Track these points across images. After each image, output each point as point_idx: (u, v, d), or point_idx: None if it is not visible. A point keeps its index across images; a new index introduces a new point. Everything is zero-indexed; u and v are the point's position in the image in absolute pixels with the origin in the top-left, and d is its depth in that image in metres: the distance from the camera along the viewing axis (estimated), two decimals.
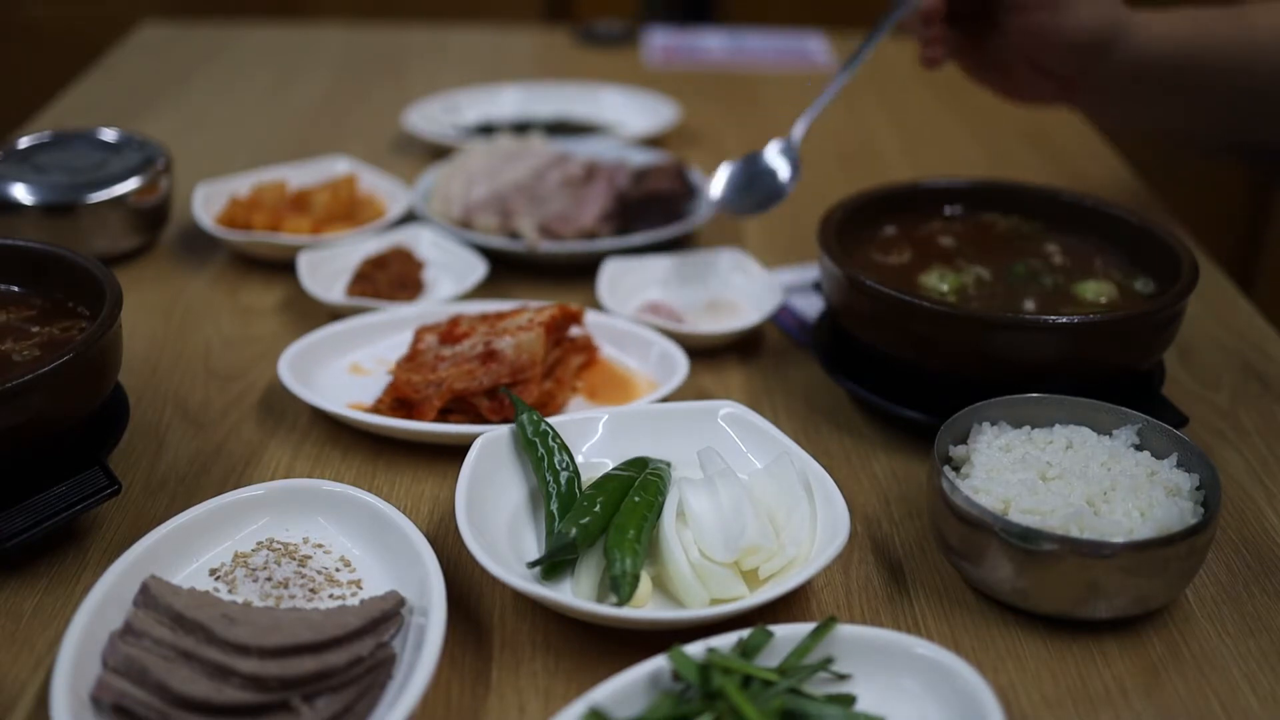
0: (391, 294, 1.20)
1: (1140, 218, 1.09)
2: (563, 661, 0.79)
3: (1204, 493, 0.83)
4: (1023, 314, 0.99)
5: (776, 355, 1.15)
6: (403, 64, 2.02)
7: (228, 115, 1.78)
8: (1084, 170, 1.62)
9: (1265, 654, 0.80)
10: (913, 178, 1.21)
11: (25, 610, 0.82)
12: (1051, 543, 0.77)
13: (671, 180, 1.37)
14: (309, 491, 0.87)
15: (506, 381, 0.99)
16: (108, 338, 0.86)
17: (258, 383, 1.10)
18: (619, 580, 0.78)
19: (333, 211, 1.33)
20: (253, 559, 0.83)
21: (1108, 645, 0.80)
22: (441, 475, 0.97)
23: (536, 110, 1.78)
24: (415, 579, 0.79)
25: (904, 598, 0.85)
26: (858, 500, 0.95)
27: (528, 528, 0.88)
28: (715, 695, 0.69)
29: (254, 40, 2.13)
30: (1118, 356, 0.96)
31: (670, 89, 1.87)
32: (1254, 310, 1.25)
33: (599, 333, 1.12)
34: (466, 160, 1.41)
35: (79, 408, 0.86)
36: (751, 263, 1.25)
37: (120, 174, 1.29)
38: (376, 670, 0.73)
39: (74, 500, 0.84)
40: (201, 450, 1.00)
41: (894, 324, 0.98)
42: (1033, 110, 1.86)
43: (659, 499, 0.85)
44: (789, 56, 2.10)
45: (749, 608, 0.77)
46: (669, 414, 0.95)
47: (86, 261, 0.93)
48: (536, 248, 1.26)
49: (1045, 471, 0.84)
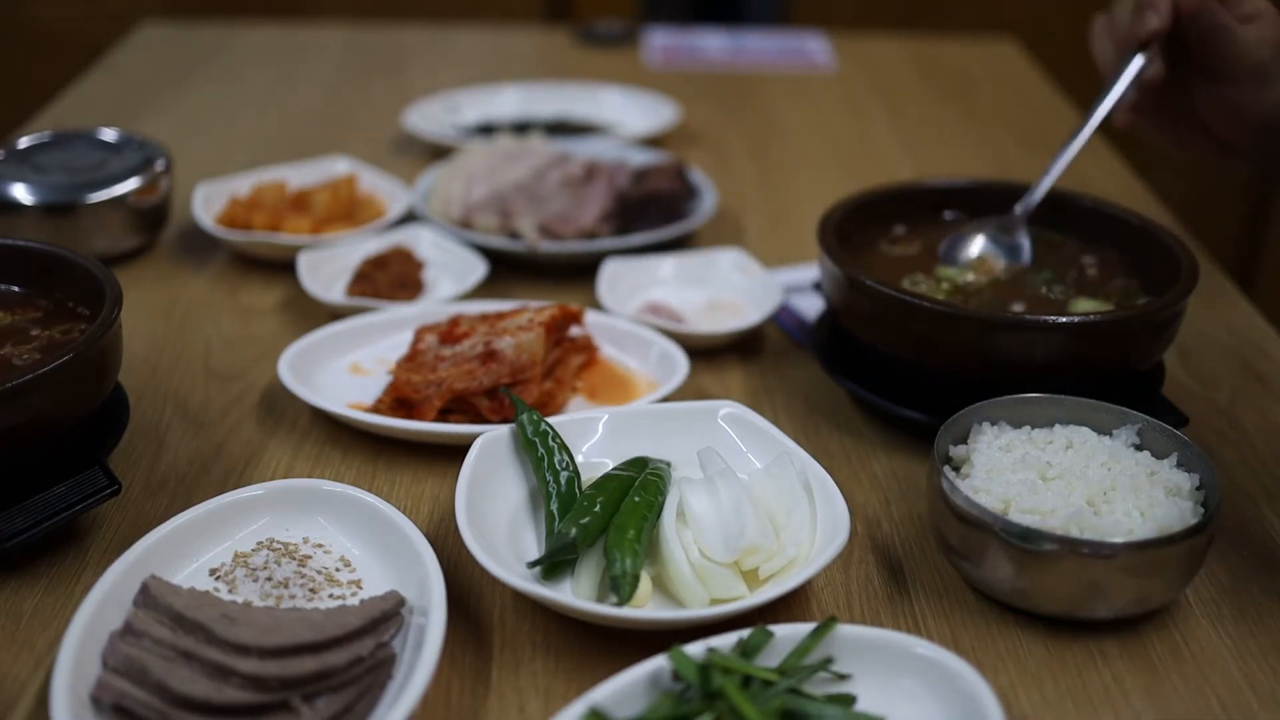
0: (391, 294, 1.20)
1: (1140, 218, 1.09)
2: (563, 661, 0.79)
3: (1204, 493, 0.83)
4: (1023, 314, 0.99)
5: (776, 355, 1.15)
6: (403, 64, 2.02)
7: (228, 115, 1.78)
8: (1084, 170, 1.62)
9: (1265, 654, 0.80)
10: (913, 178, 1.20)
11: (25, 610, 0.82)
12: (1051, 543, 0.77)
13: (671, 180, 1.37)
14: (309, 491, 0.87)
15: (506, 381, 0.99)
16: (108, 338, 0.86)
17: (258, 383, 1.10)
18: (619, 580, 0.78)
19: (333, 211, 1.33)
20: (253, 559, 0.83)
21: (1108, 645, 0.80)
22: (441, 475, 0.97)
23: (536, 110, 1.78)
24: (415, 579, 0.79)
25: (904, 598, 0.85)
26: (858, 500, 0.95)
27: (528, 528, 0.88)
28: (715, 695, 0.69)
29: (254, 40, 2.13)
30: (1118, 356, 0.96)
31: (670, 89, 1.87)
32: (1254, 310, 1.25)
33: (599, 333, 1.12)
34: (466, 160, 1.41)
35: (79, 408, 0.86)
36: (751, 263, 1.25)
37: (120, 174, 1.29)
38: (376, 670, 0.73)
39: (74, 500, 0.84)
40: (201, 450, 1.00)
41: (894, 324, 0.98)
42: (1033, 109, 1.87)
43: (659, 499, 0.85)
44: (789, 56, 2.10)
45: (749, 608, 0.77)
46: (669, 414, 0.95)
47: (86, 261, 0.93)
48: (536, 248, 1.26)
49: (1045, 471, 0.84)
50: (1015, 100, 1.91)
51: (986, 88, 1.97)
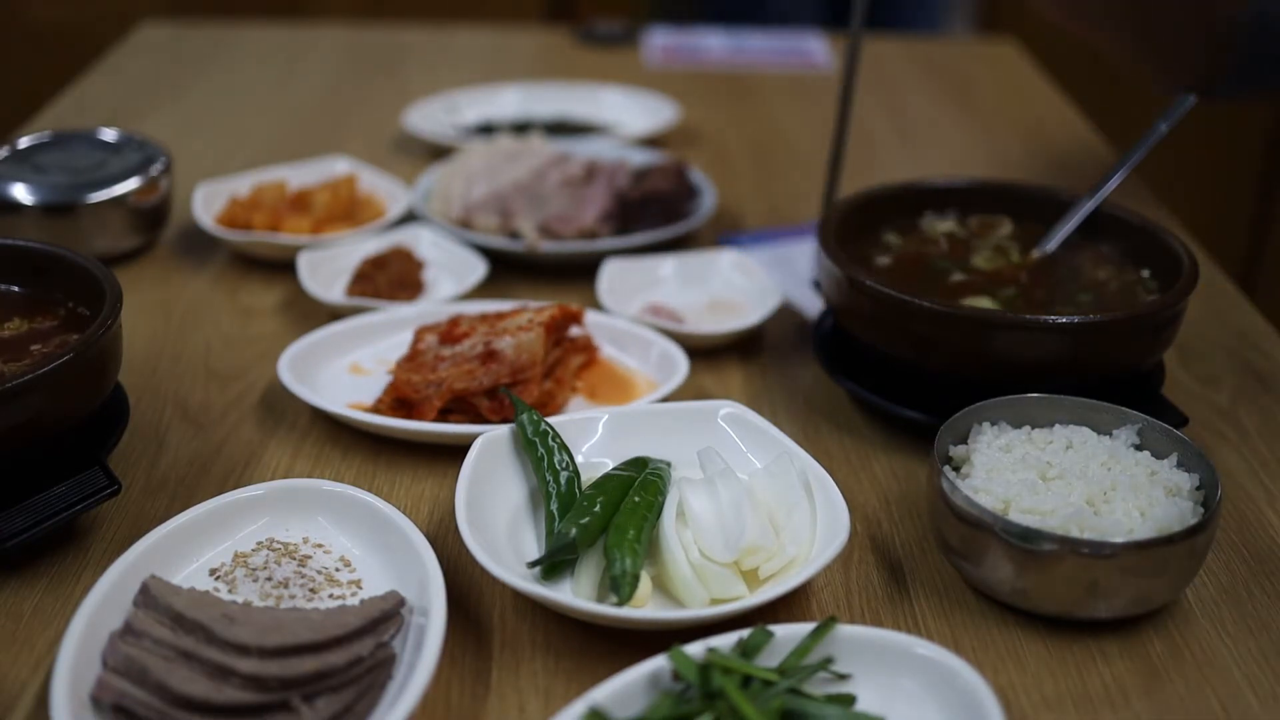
0: (391, 294, 1.20)
1: (1140, 217, 1.09)
2: (563, 661, 0.79)
3: (1204, 493, 0.83)
4: (1023, 314, 0.99)
5: (776, 355, 1.15)
6: (403, 64, 2.02)
7: (228, 115, 1.78)
8: (1084, 170, 1.62)
9: (1265, 654, 0.80)
10: (913, 178, 1.20)
11: (25, 610, 0.82)
12: (1052, 543, 0.77)
13: (671, 180, 1.37)
14: (309, 491, 0.87)
15: (506, 381, 0.99)
16: (108, 338, 0.86)
17: (258, 383, 1.10)
18: (619, 580, 0.78)
19: (333, 211, 1.33)
20: (253, 559, 0.83)
21: (1108, 645, 0.80)
22: (441, 475, 0.97)
23: (536, 110, 1.78)
24: (415, 579, 0.79)
25: (904, 598, 0.85)
26: (858, 500, 0.95)
27: (528, 528, 0.88)
28: (715, 695, 0.69)
29: (254, 40, 2.12)
30: (1118, 356, 0.96)
31: (670, 89, 1.87)
32: (1254, 310, 1.25)
33: (599, 333, 1.12)
34: (466, 160, 1.41)
35: (79, 408, 0.86)
36: (752, 263, 1.25)
37: (120, 174, 1.29)
38: (376, 670, 0.73)
39: (74, 500, 0.84)
40: (201, 450, 1.00)
41: (894, 324, 0.98)
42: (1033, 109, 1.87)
43: (659, 499, 0.85)
44: (789, 56, 2.10)
45: (749, 608, 0.77)
46: (669, 414, 0.95)
47: (86, 261, 0.93)
48: (536, 248, 1.26)
49: (1045, 471, 0.84)
50: (1015, 100, 1.91)
51: (986, 88, 1.97)
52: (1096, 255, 1.10)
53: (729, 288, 1.24)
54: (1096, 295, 1.03)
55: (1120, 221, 1.10)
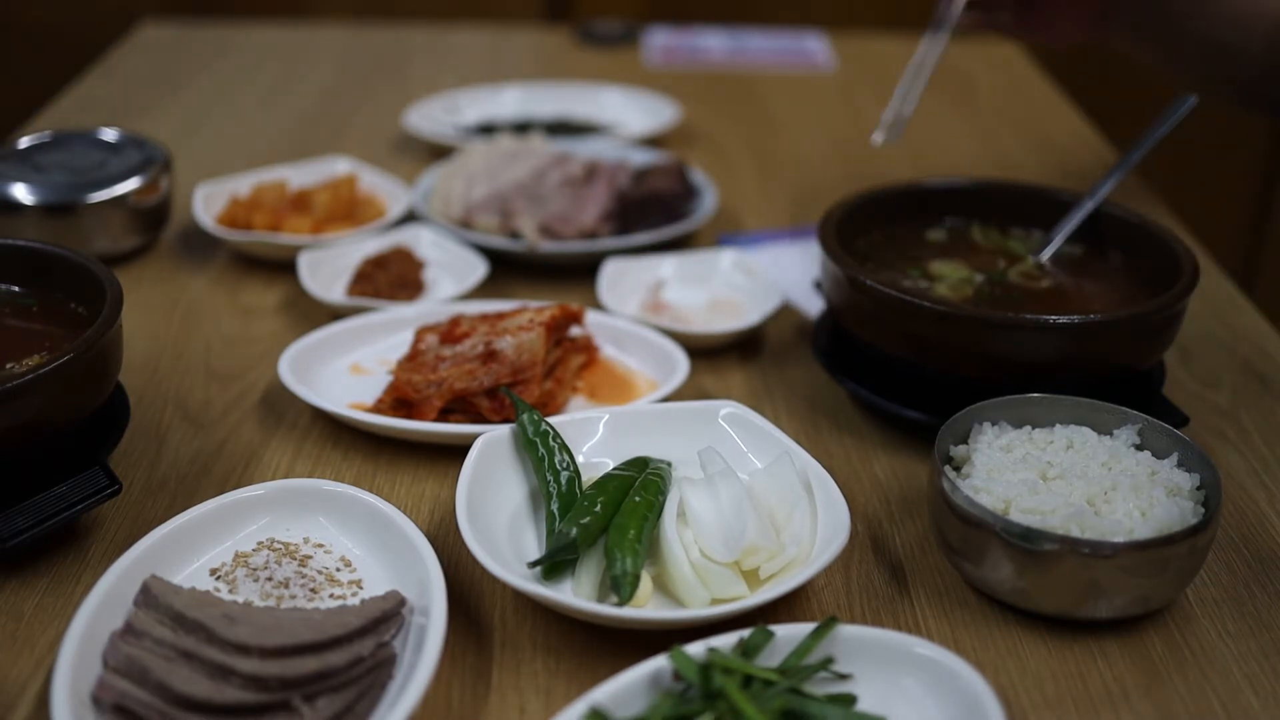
0: (392, 294, 1.20)
1: (1140, 218, 1.09)
2: (563, 661, 0.79)
3: (1204, 493, 0.83)
4: (1023, 314, 0.99)
5: (776, 355, 1.15)
6: (403, 64, 2.02)
7: (228, 115, 1.78)
8: (1084, 170, 1.62)
9: (1266, 654, 0.80)
10: (913, 178, 1.20)
11: (26, 610, 0.82)
12: (1052, 543, 0.77)
13: (672, 180, 1.37)
14: (309, 491, 0.87)
15: (507, 381, 0.99)
16: (108, 338, 0.86)
17: (258, 383, 1.10)
18: (619, 580, 0.78)
19: (333, 211, 1.33)
20: (253, 559, 0.83)
21: (1108, 645, 0.80)
22: (442, 475, 0.97)
23: (537, 110, 1.78)
24: (415, 579, 0.79)
25: (904, 598, 0.85)
26: (858, 500, 0.95)
27: (528, 528, 0.88)
28: (716, 695, 0.69)
29: (254, 40, 2.12)
30: (1118, 356, 0.96)
31: (670, 89, 1.87)
32: (1254, 310, 1.25)
33: (599, 333, 1.12)
34: (467, 160, 1.41)
35: (79, 408, 0.86)
36: (752, 263, 1.25)
37: (120, 174, 1.29)
38: (377, 670, 0.73)
39: (74, 500, 0.84)
40: (202, 450, 1.00)
41: (894, 324, 0.98)
42: (1033, 109, 1.87)
43: (659, 499, 0.85)
44: (789, 56, 2.10)
45: (749, 608, 0.77)
46: (669, 414, 0.95)
47: (86, 261, 0.93)
48: (537, 248, 1.27)
49: (1046, 471, 0.84)
50: (1015, 100, 1.91)
51: (987, 88, 1.97)
52: (1096, 255, 1.10)
53: (729, 288, 1.24)
54: (1096, 295, 1.03)
55: (1120, 221, 1.10)
